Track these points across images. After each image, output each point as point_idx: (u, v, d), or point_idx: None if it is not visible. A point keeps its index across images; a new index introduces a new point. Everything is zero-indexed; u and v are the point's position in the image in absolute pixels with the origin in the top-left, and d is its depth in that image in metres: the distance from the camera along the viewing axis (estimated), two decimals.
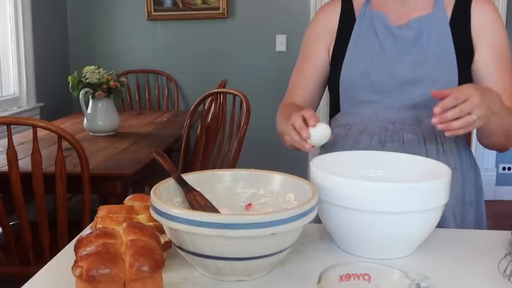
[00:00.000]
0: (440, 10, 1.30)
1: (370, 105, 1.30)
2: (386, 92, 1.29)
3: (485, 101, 1.03)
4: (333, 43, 1.38)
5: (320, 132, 1.08)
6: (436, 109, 1.02)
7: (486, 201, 1.39)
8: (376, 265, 0.67)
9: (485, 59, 1.28)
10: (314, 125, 1.07)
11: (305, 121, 1.08)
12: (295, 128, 1.09)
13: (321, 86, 1.43)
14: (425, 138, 1.27)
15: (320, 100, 1.47)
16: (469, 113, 1.01)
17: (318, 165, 1.00)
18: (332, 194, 0.94)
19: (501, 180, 4.10)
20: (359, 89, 1.31)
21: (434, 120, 1.02)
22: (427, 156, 1.20)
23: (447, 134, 1.03)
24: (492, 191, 4.08)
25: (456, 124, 1.01)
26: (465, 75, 1.27)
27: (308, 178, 0.99)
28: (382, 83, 1.28)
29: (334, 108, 1.40)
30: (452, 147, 1.29)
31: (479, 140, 1.30)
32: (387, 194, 0.91)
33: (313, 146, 1.08)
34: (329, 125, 1.40)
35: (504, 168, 4.10)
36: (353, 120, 1.32)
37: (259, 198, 1.01)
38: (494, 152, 4.07)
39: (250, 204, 1.00)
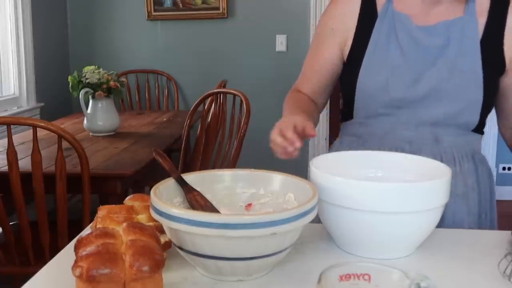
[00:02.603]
0: (472, 16, 1.19)
1: (385, 118, 1.23)
2: (404, 107, 1.21)
3: None
4: (351, 41, 1.26)
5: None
6: None
7: None
8: (376, 265, 0.67)
9: None
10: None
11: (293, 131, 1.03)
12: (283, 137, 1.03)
13: (331, 82, 1.34)
14: (443, 159, 1.19)
15: (329, 95, 1.39)
16: None
17: (318, 165, 1.00)
18: (332, 194, 0.93)
19: (501, 180, 4.10)
20: (376, 102, 1.22)
21: None
22: None
23: None
24: None
25: None
26: (490, 93, 1.20)
27: (308, 178, 0.99)
28: (402, 98, 1.20)
29: (348, 112, 1.31)
30: (470, 166, 1.24)
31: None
32: (387, 194, 0.91)
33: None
34: (340, 129, 1.37)
35: (504, 168, 4.11)
36: (367, 132, 1.26)
37: (259, 198, 1.00)
38: (494, 152, 4.07)
39: (250, 204, 1.00)
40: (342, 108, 1.37)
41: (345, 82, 1.31)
